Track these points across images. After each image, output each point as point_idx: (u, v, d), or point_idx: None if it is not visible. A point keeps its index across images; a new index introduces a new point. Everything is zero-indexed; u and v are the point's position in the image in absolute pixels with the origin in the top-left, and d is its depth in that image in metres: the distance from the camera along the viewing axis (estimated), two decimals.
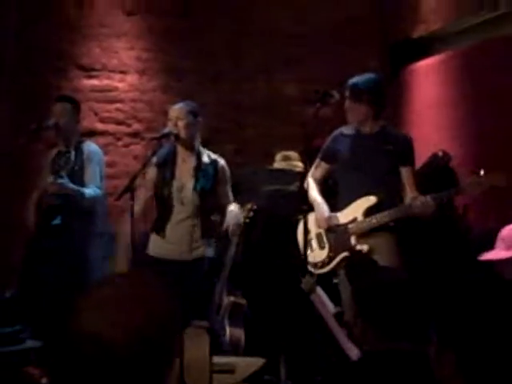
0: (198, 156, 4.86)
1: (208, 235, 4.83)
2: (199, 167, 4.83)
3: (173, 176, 4.82)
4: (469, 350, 1.81)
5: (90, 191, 5.24)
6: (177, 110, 4.82)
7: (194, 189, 4.78)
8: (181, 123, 4.76)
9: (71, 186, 5.14)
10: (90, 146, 5.45)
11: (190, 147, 4.85)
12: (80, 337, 1.45)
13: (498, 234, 3.62)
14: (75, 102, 5.53)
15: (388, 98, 7.08)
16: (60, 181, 5.09)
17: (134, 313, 1.46)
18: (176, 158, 4.87)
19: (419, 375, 2.26)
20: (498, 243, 3.58)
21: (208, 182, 4.80)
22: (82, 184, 5.26)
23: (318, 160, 4.83)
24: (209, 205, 4.82)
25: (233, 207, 4.82)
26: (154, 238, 4.87)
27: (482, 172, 4.33)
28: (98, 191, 5.33)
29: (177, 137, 4.78)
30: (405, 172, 4.64)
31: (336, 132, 4.83)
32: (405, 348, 2.33)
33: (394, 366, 2.29)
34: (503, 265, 3.47)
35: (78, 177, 5.25)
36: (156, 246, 4.84)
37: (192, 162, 4.85)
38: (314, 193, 4.78)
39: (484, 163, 5.08)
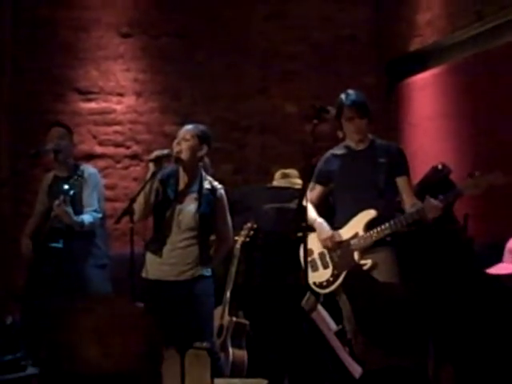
0: (201, 182, 4.81)
1: (206, 259, 4.79)
2: (201, 193, 4.79)
3: (176, 198, 4.77)
4: (467, 363, 1.79)
5: (88, 218, 5.23)
6: (184, 130, 4.76)
7: (196, 213, 4.72)
8: (184, 144, 4.70)
9: (73, 217, 5.13)
10: (88, 169, 5.45)
11: (190, 171, 4.78)
12: (69, 361, 1.44)
13: (500, 244, 3.54)
14: (68, 128, 5.60)
15: (385, 112, 7.18)
16: (67, 208, 5.06)
17: (132, 340, 1.48)
18: (178, 181, 4.82)
19: None
20: (506, 256, 3.45)
21: (208, 207, 4.75)
22: (81, 207, 5.25)
23: (312, 183, 4.81)
24: (207, 229, 4.78)
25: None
26: (149, 258, 4.80)
27: (477, 173, 4.33)
28: (96, 215, 5.32)
29: (177, 159, 4.72)
30: (402, 182, 4.66)
31: (327, 154, 4.84)
32: (405, 364, 2.30)
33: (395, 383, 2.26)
34: None
35: (76, 200, 5.24)
36: (153, 268, 4.77)
37: (193, 186, 4.79)
38: (313, 214, 4.77)
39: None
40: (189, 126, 4.80)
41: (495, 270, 3.42)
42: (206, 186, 4.79)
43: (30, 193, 5.72)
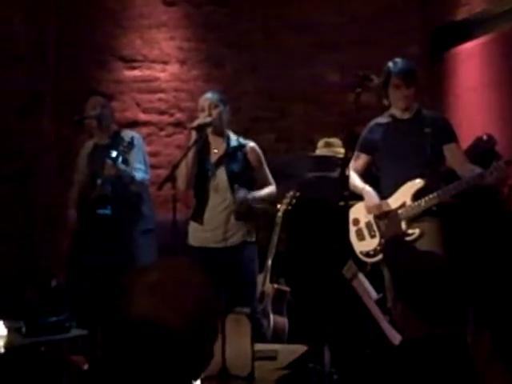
0: (228, 142, 4.89)
1: (242, 218, 4.84)
2: (227, 153, 4.86)
3: (208, 164, 4.86)
4: (505, 329, 1.79)
5: (139, 175, 5.29)
6: (208, 99, 4.87)
7: (226, 174, 4.81)
8: (215, 112, 4.81)
9: (125, 167, 5.19)
10: (130, 134, 5.49)
11: (221, 134, 4.90)
12: (134, 321, 1.52)
13: None
14: (107, 96, 5.77)
15: (430, 82, 7.10)
16: (119, 165, 5.11)
17: (183, 296, 1.55)
18: (209, 146, 4.91)
19: (459, 361, 2.25)
20: None
21: (237, 165, 4.82)
22: None
23: (356, 152, 4.79)
24: (242, 186, 4.83)
25: (240, 191, 4.81)
26: (192, 226, 4.92)
27: None
28: (146, 176, 5.39)
29: (215, 126, 4.82)
30: (452, 148, 4.60)
31: (371, 123, 4.81)
32: (444, 332, 2.31)
33: (434, 352, 2.27)
34: None
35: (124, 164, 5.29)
36: (195, 235, 4.88)
37: (222, 149, 4.89)
38: (359, 182, 4.75)
39: None
40: (209, 94, 4.93)
41: None
42: (233, 144, 4.87)
43: (74, 159, 5.79)
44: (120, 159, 5.11)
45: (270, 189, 4.96)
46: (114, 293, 1.59)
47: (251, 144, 4.97)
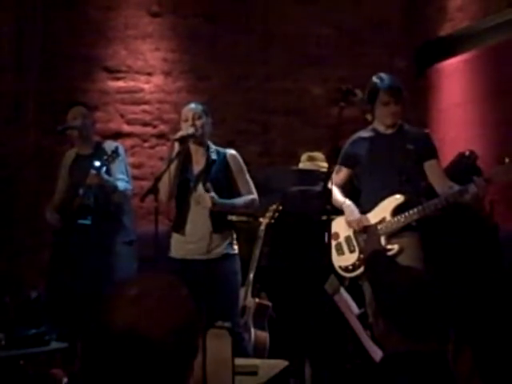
0: (208, 154, 4.88)
1: (221, 230, 4.82)
2: (209, 164, 4.85)
3: (190, 175, 4.85)
4: (486, 347, 1.78)
5: (121, 185, 5.27)
6: (193, 109, 4.86)
7: (205, 186, 4.79)
8: (198, 122, 4.80)
9: (108, 177, 5.17)
10: (112, 145, 5.47)
11: (203, 146, 4.89)
12: (116, 333, 1.52)
13: None
14: (88, 106, 5.69)
15: (414, 97, 7.13)
16: (102, 175, 5.09)
17: (165, 309, 1.55)
18: (191, 158, 4.90)
19: (439, 377, 2.23)
20: None
21: (217, 177, 4.80)
22: None
23: (338, 166, 4.78)
24: (222, 197, 4.80)
25: (202, 193, 4.80)
26: (175, 237, 4.88)
27: (507, 160, 4.27)
28: (128, 186, 5.37)
29: (197, 138, 4.81)
30: (432, 165, 4.60)
31: (353, 136, 4.80)
32: (425, 349, 2.30)
33: (415, 369, 2.26)
34: None
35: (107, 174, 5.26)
36: (177, 247, 4.85)
37: (203, 160, 4.88)
38: (339, 196, 4.74)
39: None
40: (193, 105, 4.91)
41: None
42: (213, 156, 4.86)
43: (55, 169, 5.75)
44: (104, 169, 5.09)
45: (248, 197, 4.92)
46: (95, 305, 1.58)
47: (232, 151, 4.96)
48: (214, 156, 4.88)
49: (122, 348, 1.50)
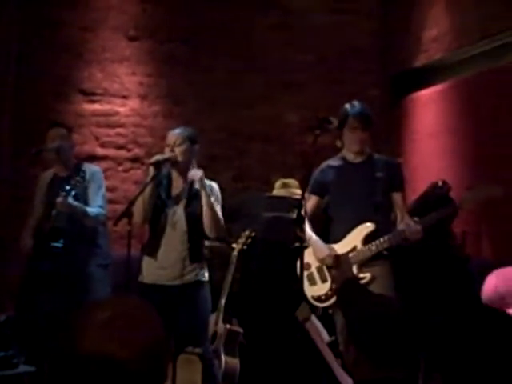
0: (191, 182, 4.85)
1: (198, 259, 4.80)
2: (190, 193, 4.82)
3: (169, 200, 4.82)
4: (455, 375, 1.79)
5: (92, 210, 5.24)
6: (175, 135, 4.83)
7: (185, 214, 4.76)
8: (178, 149, 4.78)
9: (76, 203, 5.13)
10: (92, 168, 5.46)
11: (184, 173, 4.84)
12: (86, 356, 1.51)
13: (497, 263, 3.46)
14: (68, 128, 5.63)
15: (388, 126, 7.18)
16: (69, 200, 5.06)
17: (134, 333, 1.54)
18: (171, 183, 4.88)
19: None
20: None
21: (198, 207, 4.77)
22: (86, 205, 5.26)
23: (307, 193, 4.78)
24: (199, 229, 4.78)
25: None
26: (146, 261, 4.84)
27: (474, 186, 4.33)
28: (101, 211, 5.33)
29: (174, 162, 4.78)
30: (399, 198, 4.66)
31: (323, 164, 4.83)
32: (395, 376, 2.30)
33: None
34: None
35: (79, 201, 5.24)
36: (149, 272, 4.81)
37: (183, 187, 4.85)
38: (308, 230, 4.73)
39: None
40: (177, 131, 4.88)
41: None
42: (196, 185, 4.81)
43: (30, 191, 5.71)
44: (72, 193, 5.05)
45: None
46: (64, 327, 1.57)
47: (213, 184, 4.93)
48: (197, 186, 4.82)
49: (90, 371, 1.49)
